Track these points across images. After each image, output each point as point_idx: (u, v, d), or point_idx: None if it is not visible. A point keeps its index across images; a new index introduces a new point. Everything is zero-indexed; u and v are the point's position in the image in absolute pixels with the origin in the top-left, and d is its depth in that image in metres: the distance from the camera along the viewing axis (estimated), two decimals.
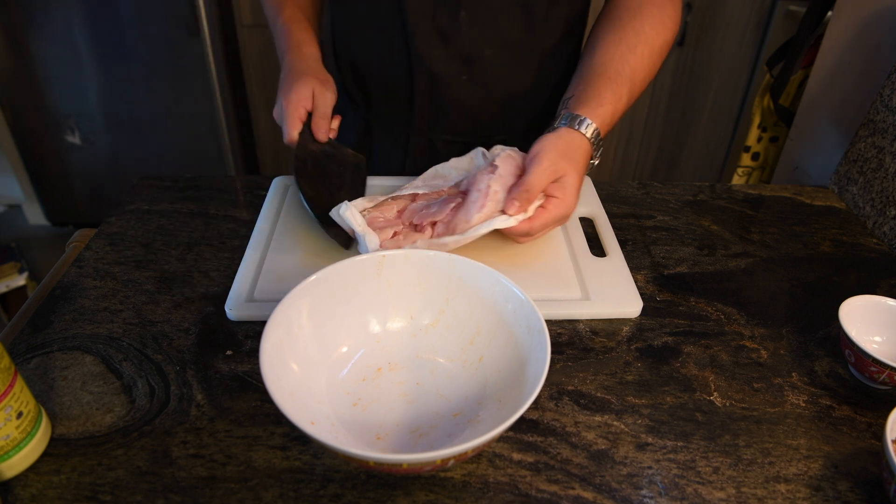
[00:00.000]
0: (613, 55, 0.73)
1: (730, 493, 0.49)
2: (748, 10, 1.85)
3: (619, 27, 0.75)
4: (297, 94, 0.74)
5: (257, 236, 0.72)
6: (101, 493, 0.47)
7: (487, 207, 0.66)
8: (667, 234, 0.79)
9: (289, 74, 0.76)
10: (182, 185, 0.84)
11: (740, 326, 0.65)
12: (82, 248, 0.73)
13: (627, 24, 0.75)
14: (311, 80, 0.75)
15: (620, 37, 0.74)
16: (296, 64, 0.77)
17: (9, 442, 0.47)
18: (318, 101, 0.75)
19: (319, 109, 0.76)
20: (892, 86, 0.82)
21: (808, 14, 1.12)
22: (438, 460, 0.43)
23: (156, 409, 0.54)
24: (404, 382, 0.55)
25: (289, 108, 0.74)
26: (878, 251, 0.78)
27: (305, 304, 0.53)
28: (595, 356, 0.61)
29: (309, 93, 0.75)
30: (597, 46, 0.75)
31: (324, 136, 0.77)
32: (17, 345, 0.60)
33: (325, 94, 0.76)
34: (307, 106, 0.75)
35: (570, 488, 0.49)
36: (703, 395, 0.58)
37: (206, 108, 1.96)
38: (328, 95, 0.76)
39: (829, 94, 1.03)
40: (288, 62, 0.78)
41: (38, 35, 1.87)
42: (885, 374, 0.56)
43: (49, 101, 1.99)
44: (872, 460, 0.52)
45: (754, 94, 1.84)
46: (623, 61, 0.73)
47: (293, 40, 0.80)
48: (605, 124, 0.70)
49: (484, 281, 0.56)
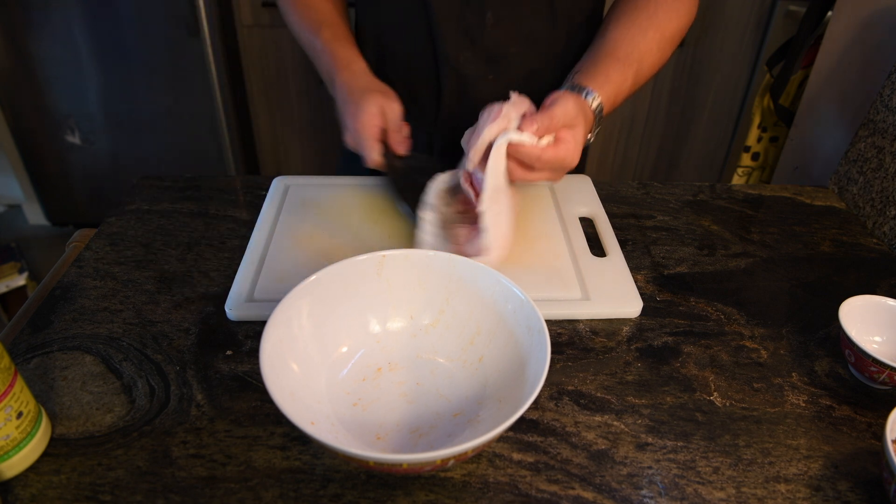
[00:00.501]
0: (624, 37, 0.74)
1: (730, 493, 0.49)
2: (748, 10, 1.85)
3: (633, 10, 0.76)
4: (367, 114, 0.71)
5: (257, 236, 0.72)
6: (101, 493, 0.47)
7: (498, 123, 0.65)
8: (667, 234, 0.79)
9: (350, 95, 0.73)
10: (182, 185, 0.84)
11: (740, 326, 0.65)
12: (82, 248, 0.73)
13: (642, 9, 0.76)
14: (374, 96, 0.72)
15: (633, 19, 0.75)
16: (352, 83, 0.75)
17: (9, 442, 0.47)
18: (389, 115, 0.73)
19: (393, 124, 0.73)
20: (892, 86, 0.82)
21: (808, 14, 1.12)
22: (438, 460, 0.43)
23: (156, 409, 0.54)
24: (404, 382, 0.55)
25: (364, 132, 0.71)
26: (878, 251, 0.78)
27: (305, 304, 0.53)
28: (595, 356, 0.61)
29: (377, 109, 0.72)
30: (609, 28, 0.76)
31: (404, 150, 0.74)
32: (17, 345, 0.60)
33: (392, 106, 0.73)
34: (380, 124, 0.72)
35: (570, 488, 0.49)
36: (703, 395, 0.58)
37: (206, 108, 1.96)
38: (395, 107, 0.73)
39: (829, 95, 1.03)
40: (342, 82, 0.75)
41: (38, 35, 1.87)
42: (885, 374, 0.56)
43: (49, 101, 1.99)
44: (872, 460, 0.52)
45: (754, 94, 1.84)
46: (633, 44, 0.73)
47: (341, 60, 0.77)
48: (608, 102, 0.71)
49: (484, 281, 0.56)
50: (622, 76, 0.72)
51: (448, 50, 0.80)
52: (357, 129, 0.71)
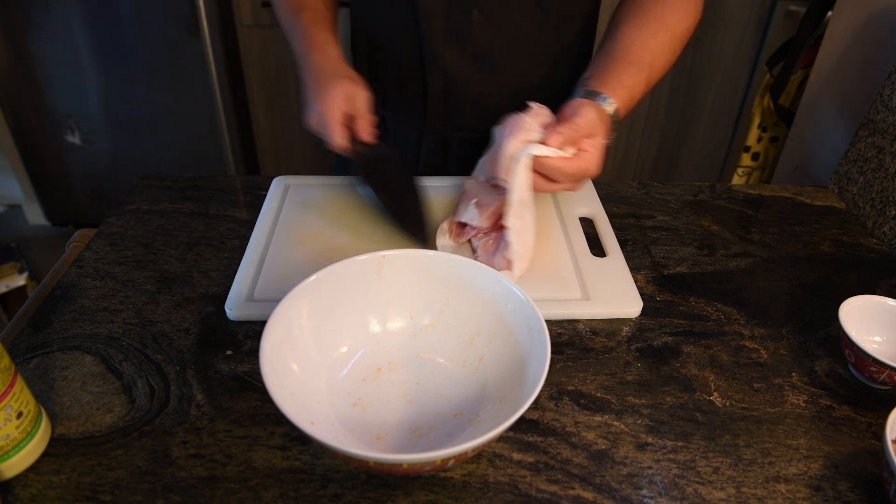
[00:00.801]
0: (635, 40, 0.73)
1: (730, 493, 0.49)
2: (748, 10, 1.85)
3: (641, 12, 0.75)
4: (334, 97, 0.70)
5: (257, 236, 0.72)
6: (101, 493, 0.47)
7: (520, 136, 0.64)
8: (667, 234, 0.79)
9: (318, 77, 0.72)
10: (182, 185, 0.84)
11: (740, 326, 0.65)
12: (82, 248, 0.73)
13: (650, 10, 0.75)
14: (342, 82, 0.71)
15: (642, 21, 0.74)
16: (324, 65, 0.74)
17: (9, 442, 0.47)
18: (357, 102, 0.72)
19: (360, 111, 0.72)
20: (892, 86, 0.82)
21: (808, 14, 1.12)
22: (438, 460, 0.43)
23: (156, 409, 0.54)
24: (404, 382, 0.55)
25: (328, 114, 0.70)
26: (878, 251, 0.78)
27: (305, 304, 0.53)
28: (595, 356, 0.61)
29: (344, 94, 0.71)
30: (618, 31, 0.75)
31: (370, 138, 0.73)
32: (17, 345, 0.60)
33: (360, 93, 0.72)
34: (345, 109, 0.71)
35: (570, 488, 0.49)
36: (703, 395, 0.58)
37: (206, 108, 1.96)
38: (363, 94, 0.72)
39: (829, 95, 1.03)
40: (313, 63, 0.75)
41: (38, 35, 1.87)
42: (885, 374, 0.56)
43: (49, 101, 1.99)
44: (872, 460, 0.52)
45: (754, 94, 1.84)
46: (644, 47, 0.73)
47: (316, 42, 0.77)
48: (623, 106, 0.70)
49: (484, 281, 0.56)
50: (635, 80, 0.71)
51: (435, 49, 0.79)
52: (322, 112, 0.71)
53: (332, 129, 0.70)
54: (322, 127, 0.71)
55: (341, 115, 0.71)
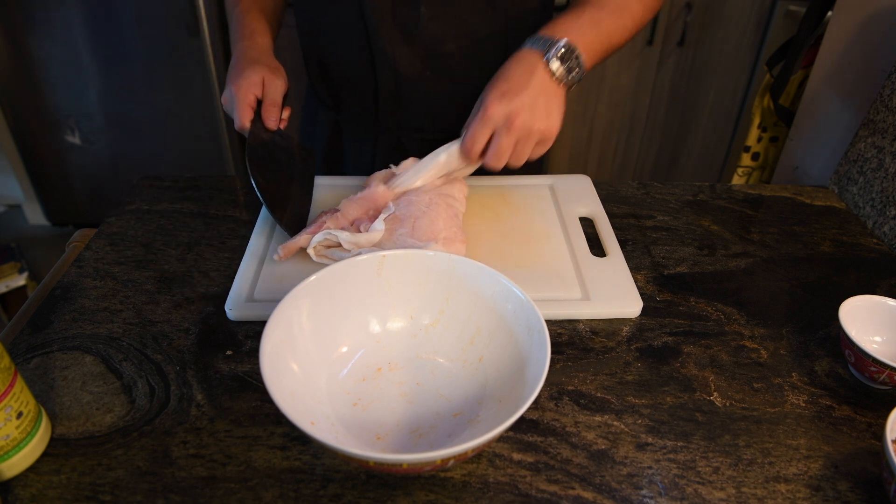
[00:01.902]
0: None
1: (730, 493, 0.49)
2: (748, 10, 1.85)
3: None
4: (247, 81, 0.73)
5: (257, 236, 0.72)
6: (101, 493, 0.47)
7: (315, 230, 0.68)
8: (667, 234, 0.79)
9: (239, 61, 0.75)
10: (182, 185, 0.84)
11: (740, 326, 0.65)
12: (82, 248, 0.73)
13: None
14: (260, 68, 0.74)
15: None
16: (247, 52, 0.76)
17: (9, 442, 0.47)
18: (269, 88, 0.74)
19: (269, 97, 0.74)
20: (892, 86, 0.82)
21: (808, 14, 1.12)
22: (438, 460, 0.43)
23: (156, 409, 0.54)
24: (404, 382, 0.55)
25: (238, 95, 0.72)
26: (878, 251, 0.78)
27: (305, 304, 0.53)
28: (595, 356, 0.61)
29: (258, 80, 0.73)
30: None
31: (273, 125, 0.75)
32: (17, 345, 0.60)
33: (275, 82, 0.74)
34: (257, 93, 0.74)
35: (570, 488, 0.49)
36: (703, 395, 0.58)
37: (206, 108, 1.96)
38: (278, 83, 0.75)
39: (829, 94, 1.03)
40: (239, 49, 0.77)
41: (38, 35, 1.87)
42: (885, 374, 0.56)
43: (49, 101, 1.99)
44: (872, 460, 0.52)
45: (754, 94, 1.84)
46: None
47: (247, 29, 0.79)
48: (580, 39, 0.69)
49: (484, 281, 0.56)
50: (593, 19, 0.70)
51: (383, 46, 0.79)
52: (234, 92, 0.73)
53: (239, 109, 0.72)
54: (231, 107, 0.74)
55: (252, 99, 0.73)
